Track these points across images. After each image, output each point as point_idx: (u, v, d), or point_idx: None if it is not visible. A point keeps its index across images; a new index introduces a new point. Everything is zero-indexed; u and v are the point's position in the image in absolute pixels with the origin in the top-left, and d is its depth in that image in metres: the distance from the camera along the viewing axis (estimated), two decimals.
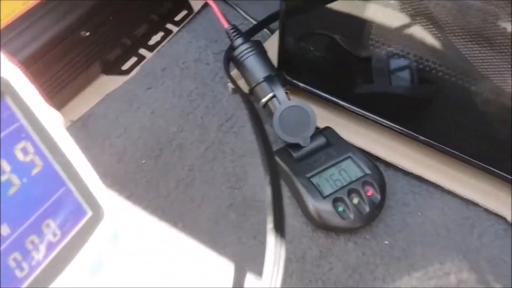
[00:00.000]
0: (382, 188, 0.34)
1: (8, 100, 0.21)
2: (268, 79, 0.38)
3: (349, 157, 0.36)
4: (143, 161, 0.38)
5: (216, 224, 0.35)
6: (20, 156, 0.21)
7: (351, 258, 0.33)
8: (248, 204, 0.36)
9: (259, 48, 0.40)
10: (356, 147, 0.38)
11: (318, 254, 0.33)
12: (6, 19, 0.36)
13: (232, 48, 0.40)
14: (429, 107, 0.37)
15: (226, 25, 0.41)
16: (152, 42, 0.48)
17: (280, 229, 0.28)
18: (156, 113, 0.42)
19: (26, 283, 0.20)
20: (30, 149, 0.21)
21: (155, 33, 0.49)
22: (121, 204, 0.35)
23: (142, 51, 0.48)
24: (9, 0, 0.36)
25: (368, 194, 0.34)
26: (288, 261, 0.33)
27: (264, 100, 0.38)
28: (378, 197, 0.34)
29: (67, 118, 0.41)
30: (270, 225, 0.27)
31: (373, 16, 0.33)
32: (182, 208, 0.35)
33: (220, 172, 0.38)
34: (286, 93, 0.38)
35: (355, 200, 0.33)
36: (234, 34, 0.40)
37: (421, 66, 0.33)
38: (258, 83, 0.38)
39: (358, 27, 0.35)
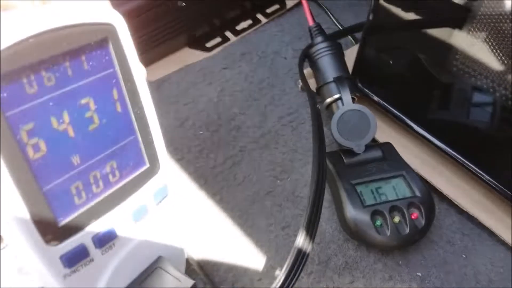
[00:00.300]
0: (429, 215, 0.32)
1: (111, 46, 0.22)
2: (338, 80, 0.37)
3: (402, 175, 0.34)
4: (201, 132, 0.40)
5: (251, 205, 0.35)
6: (106, 98, 0.22)
7: (376, 279, 0.32)
8: (285, 196, 0.36)
9: (337, 50, 0.40)
10: (412, 169, 0.36)
11: (343, 264, 0.32)
12: None
13: (310, 46, 0.41)
14: (506, 150, 0.34)
15: (311, 23, 0.42)
16: (239, 27, 0.51)
17: (312, 227, 0.27)
18: (225, 92, 0.44)
19: (80, 211, 0.22)
20: (115, 95, 0.23)
21: (244, 20, 0.51)
22: (172, 165, 0.37)
23: (228, 33, 0.50)
24: None
25: (412, 216, 0.32)
26: (310, 260, 0.32)
27: (328, 100, 0.38)
28: (422, 222, 0.32)
29: (146, 78, 0.44)
30: (304, 221, 0.27)
31: (463, 44, 0.32)
32: (224, 183, 0.36)
33: (268, 160, 0.38)
34: (353, 99, 0.38)
35: (396, 219, 0.32)
36: (316, 32, 0.41)
37: (506, 106, 0.31)
38: (327, 83, 0.38)
39: (445, 50, 0.33)
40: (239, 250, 0.33)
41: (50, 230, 0.21)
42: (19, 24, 0.19)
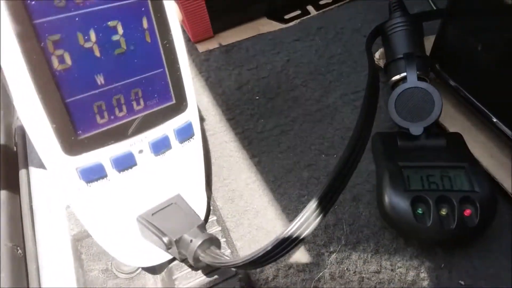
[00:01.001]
0: (486, 215, 0.27)
1: None
2: (407, 57, 0.34)
3: (463, 167, 0.29)
4: (257, 97, 0.40)
5: (287, 173, 0.34)
6: (135, 25, 0.23)
7: (408, 275, 0.28)
8: (326, 172, 0.33)
9: (415, 27, 0.36)
10: (481, 164, 0.31)
11: (372, 251, 0.29)
12: None
13: (386, 21, 0.37)
14: None
15: None
16: (322, 2, 0.49)
17: (330, 197, 0.24)
18: (291, 63, 0.43)
19: (101, 130, 0.23)
20: (145, 24, 0.24)
21: None
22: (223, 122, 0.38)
23: (310, 7, 0.48)
24: None
25: (465, 213, 0.27)
26: (337, 240, 0.30)
27: (394, 78, 0.34)
28: (476, 221, 0.27)
29: (218, 41, 0.45)
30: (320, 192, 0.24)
31: None
32: (266, 147, 0.36)
33: (318, 134, 0.36)
34: (424, 79, 0.34)
35: (443, 211, 0.27)
36: (396, 6, 0.37)
37: None
38: (394, 59, 0.35)
39: None
40: (264, 213, 0.32)
41: (68, 141, 0.22)
42: None
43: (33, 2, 0.20)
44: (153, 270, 0.28)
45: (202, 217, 0.29)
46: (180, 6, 0.42)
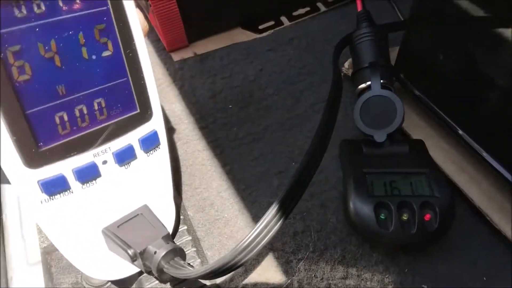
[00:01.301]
0: (445, 220, 0.28)
1: None
2: (372, 66, 0.35)
3: (424, 173, 0.30)
4: (230, 106, 0.40)
5: (258, 182, 0.34)
6: (96, 35, 0.23)
7: (373, 281, 0.29)
8: None
9: (380, 36, 0.37)
10: (442, 170, 0.32)
11: (339, 257, 0.30)
12: None
13: (353, 32, 0.38)
14: None
15: (359, 8, 0.39)
16: (296, 13, 0.50)
17: (289, 203, 0.25)
18: (264, 72, 0.43)
19: (63, 141, 0.23)
20: (107, 33, 0.24)
21: (303, 6, 0.50)
22: (196, 131, 0.38)
23: (283, 18, 0.49)
24: None
25: (425, 218, 0.28)
26: (305, 247, 0.30)
27: (360, 86, 0.35)
28: (435, 226, 0.28)
29: (193, 50, 0.46)
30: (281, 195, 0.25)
31: None
32: (238, 156, 0.36)
33: (289, 142, 0.37)
34: (389, 88, 0.35)
35: (405, 216, 0.28)
36: (363, 18, 0.38)
37: None
38: (360, 68, 0.36)
39: (507, 50, 0.29)
40: (235, 221, 0.32)
41: (30, 153, 0.22)
42: None
43: None
44: (123, 282, 0.28)
45: (171, 227, 0.29)
46: (154, 15, 0.42)
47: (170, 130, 0.38)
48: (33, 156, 0.22)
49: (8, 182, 0.23)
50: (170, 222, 0.29)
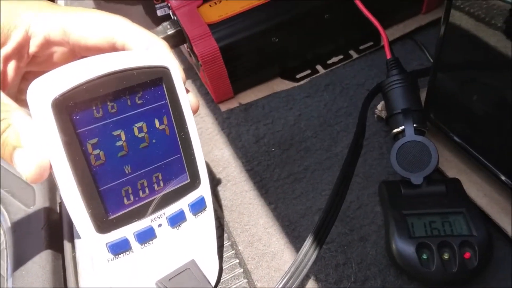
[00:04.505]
0: (484, 257, 0.28)
1: (164, 84, 0.28)
2: (405, 113, 0.37)
3: (462, 212, 0.31)
4: (273, 149, 0.43)
5: (300, 218, 0.36)
6: (157, 124, 0.27)
7: None
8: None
9: (410, 83, 0.39)
10: (478, 207, 0.33)
11: (379, 286, 0.31)
12: (222, 16, 0.47)
13: (384, 80, 0.41)
14: None
15: (388, 56, 0.42)
16: (330, 61, 0.53)
17: (322, 234, 0.29)
18: (302, 117, 0.46)
19: (127, 210, 0.27)
20: (165, 121, 0.28)
21: (336, 55, 0.54)
22: (243, 174, 0.42)
23: (318, 66, 0.53)
24: (231, 1, 0.47)
25: (465, 256, 0.29)
26: (346, 277, 0.32)
27: (394, 131, 0.37)
28: (475, 263, 0.28)
29: (238, 100, 0.50)
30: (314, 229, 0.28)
31: None
32: (281, 195, 0.39)
33: (328, 181, 0.39)
34: (423, 131, 0.36)
35: (446, 256, 0.29)
36: (392, 65, 0.41)
37: None
38: (393, 114, 0.38)
39: None
40: (281, 255, 0.34)
41: (101, 221, 0.25)
42: (92, 65, 0.25)
43: (77, 116, 0.24)
44: None
45: (214, 278, 0.31)
46: (205, 74, 0.47)
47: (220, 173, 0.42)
48: (103, 223, 0.25)
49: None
50: (213, 274, 0.31)
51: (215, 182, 0.41)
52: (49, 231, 0.37)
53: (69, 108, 0.24)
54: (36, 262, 0.35)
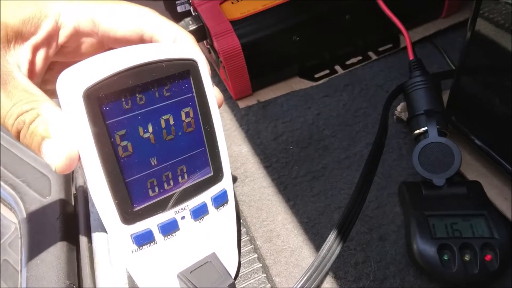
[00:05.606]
0: (506, 259, 0.28)
1: (191, 77, 0.27)
2: (428, 113, 0.37)
3: (483, 215, 0.30)
4: (291, 147, 0.43)
5: (320, 215, 0.36)
6: (183, 116, 0.27)
7: None
8: None
9: (433, 85, 0.39)
10: (499, 211, 0.33)
11: (398, 287, 0.31)
12: (245, 14, 0.47)
13: (407, 80, 0.41)
14: None
15: (411, 57, 0.42)
16: (349, 62, 0.53)
17: (345, 230, 0.29)
18: (321, 116, 0.46)
19: (152, 202, 0.27)
20: (191, 114, 0.28)
21: (355, 56, 0.53)
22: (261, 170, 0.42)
23: (337, 67, 0.53)
24: (252, 1, 0.47)
25: (486, 258, 0.28)
26: (365, 276, 0.32)
27: (416, 132, 0.37)
28: (496, 266, 0.28)
29: (256, 98, 0.50)
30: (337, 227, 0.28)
31: None
32: (300, 192, 0.38)
33: (347, 180, 0.39)
34: (444, 133, 0.36)
35: (467, 257, 0.28)
36: (415, 66, 0.41)
37: None
38: (415, 115, 0.37)
39: None
40: (300, 251, 0.34)
41: (126, 213, 0.25)
42: (122, 57, 0.24)
43: (107, 108, 0.24)
44: None
45: (234, 271, 0.31)
46: (225, 70, 0.47)
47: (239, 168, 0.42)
48: (129, 215, 0.26)
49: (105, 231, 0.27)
50: (233, 267, 0.31)
51: (233, 177, 0.41)
52: (64, 222, 0.37)
53: (99, 99, 0.24)
54: (50, 252, 0.35)
